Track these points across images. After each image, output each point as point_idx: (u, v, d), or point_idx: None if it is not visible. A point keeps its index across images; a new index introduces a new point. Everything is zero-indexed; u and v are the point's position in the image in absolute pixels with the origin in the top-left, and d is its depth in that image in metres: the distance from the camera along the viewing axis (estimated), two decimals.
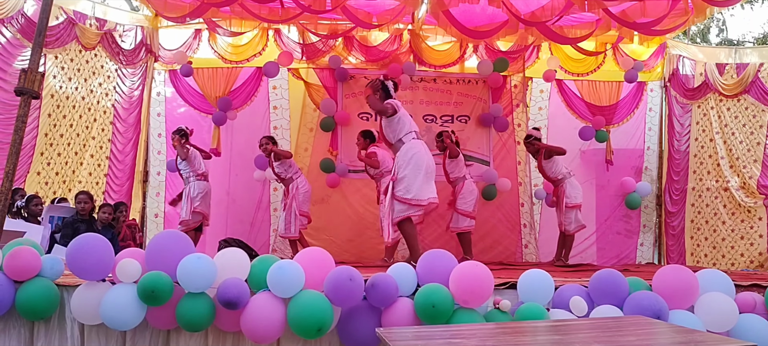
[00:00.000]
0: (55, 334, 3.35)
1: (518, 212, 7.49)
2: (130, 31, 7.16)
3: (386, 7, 6.45)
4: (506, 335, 2.20)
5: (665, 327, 2.38)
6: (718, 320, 3.10)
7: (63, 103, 6.55)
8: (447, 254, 3.32)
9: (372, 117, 7.25)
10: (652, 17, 5.98)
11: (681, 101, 7.76)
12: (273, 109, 7.54)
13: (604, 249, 7.70)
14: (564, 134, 7.60)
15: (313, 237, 6.93)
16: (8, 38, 5.88)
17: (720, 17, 16.83)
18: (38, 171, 6.33)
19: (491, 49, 7.44)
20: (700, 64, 7.70)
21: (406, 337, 2.15)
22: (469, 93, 7.54)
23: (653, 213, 7.96)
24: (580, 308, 3.09)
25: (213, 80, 7.30)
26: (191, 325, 3.12)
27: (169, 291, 3.07)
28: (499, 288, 3.41)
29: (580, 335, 2.18)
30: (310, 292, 3.08)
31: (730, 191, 7.38)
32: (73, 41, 6.52)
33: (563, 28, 6.72)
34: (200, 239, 6.89)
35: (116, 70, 7.05)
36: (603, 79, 7.74)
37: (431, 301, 3.00)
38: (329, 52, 7.32)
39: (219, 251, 3.50)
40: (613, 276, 3.24)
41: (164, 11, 6.41)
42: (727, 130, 7.51)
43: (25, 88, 3.92)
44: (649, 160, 7.96)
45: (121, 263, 3.12)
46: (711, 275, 3.34)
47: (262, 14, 6.40)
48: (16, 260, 3.22)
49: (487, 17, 6.67)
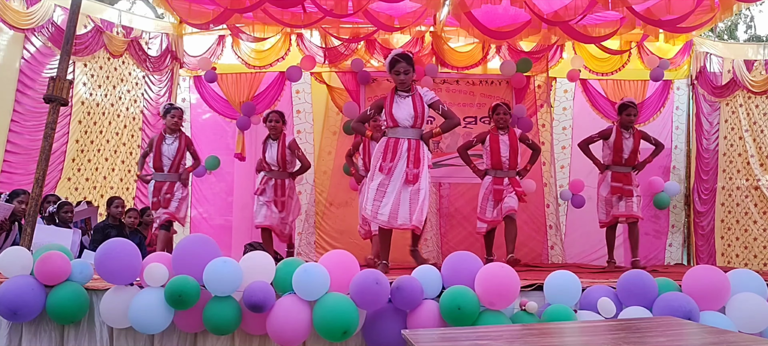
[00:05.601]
0: (84, 337, 3.40)
1: (544, 213, 7.42)
2: (155, 38, 7.27)
3: (408, 10, 6.45)
4: (533, 337, 2.18)
5: (696, 328, 2.34)
6: (750, 320, 3.04)
7: (93, 110, 6.67)
8: (472, 255, 3.30)
9: None
10: (677, 14, 5.89)
11: (709, 99, 7.64)
12: (296, 113, 7.58)
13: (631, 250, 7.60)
14: (589, 134, 7.52)
15: (337, 240, 6.95)
16: (38, 47, 6.02)
17: (748, 13, 16.54)
18: (69, 177, 6.45)
19: (514, 49, 7.40)
20: (728, 62, 7.56)
21: (432, 339, 2.14)
22: (493, 94, 7.50)
23: (682, 213, 7.83)
24: (608, 309, 3.05)
25: (237, 85, 7.36)
26: (218, 328, 3.14)
27: (196, 295, 3.10)
28: (526, 290, 3.38)
29: (608, 336, 2.15)
30: (336, 295, 3.09)
31: (760, 190, 7.24)
32: (101, 49, 6.64)
33: (587, 27, 6.66)
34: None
35: (143, 77, 7.16)
36: (628, 79, 7.64)
37: (457, 303, 2.99)
38: (351, 56, 7.34)
39: (244, 254, 3.52)
40: (642, 277, 3.19)
41: (188, 18, 6.49)
42: (755, 127, 7.37)
43: (53, 96, 4.00)
44: (677, 160, 7.84)
45: (148, 268, 3.16)
46: (743, 275, 3.27)
47: (284, 19, 6.44)
48: (47, 265, 3.27)
49: (510, 17, 6.63)
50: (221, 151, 7.36)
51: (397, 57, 4.79)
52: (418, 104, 4.75)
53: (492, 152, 5.78)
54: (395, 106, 4.74)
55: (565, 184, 7.45)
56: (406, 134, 4.71)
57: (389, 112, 4.74)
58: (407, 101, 4.75)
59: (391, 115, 4.73)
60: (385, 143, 4.74)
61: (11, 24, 5.74)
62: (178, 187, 5.95)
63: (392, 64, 4.78)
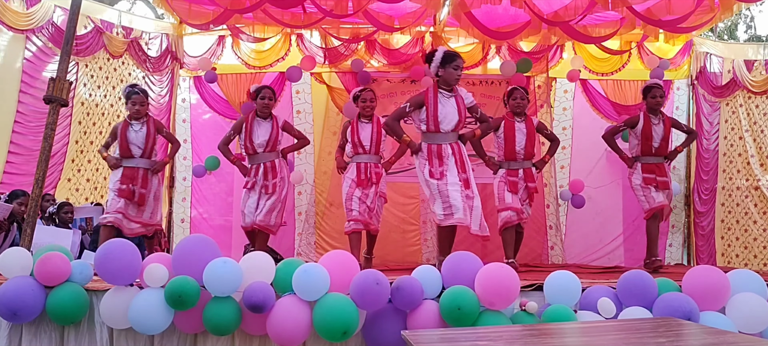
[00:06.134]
0: (84, 338, 3.40)
1: (544, 213, 7.41)
2: (155, 38, 7.26)
3: (408, 10, 6.45)
4: (533, 337, 2.18)
5: (696, 328, 2.34)
6: (750, 321, 3.04)
7: (93, 110, 6.66)
8: (472, 256, 3.31)
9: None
10: (677, 15, 5.89)
11: (709, 99, 7.63)
12: (296, 113, 7.57)
13: (631, 250, 7.58)
14: (589, 134, 7.51)
15: (337, 240, 6.94)
16: (39, 47, 6.02)
17: (748, 14, 16.55)
18: (69, 178, 6.45)
19: (514, 49, 7.39)
20: (728, 62, 7.56)
21: (432, 339, 2.14)
22: (493, 94, 7.49)
23: (682, 213, 7.82)
24: (608, 309, 3.05)
25: (237, 86, 7.36)
26: (218, 329, 3.15)
27: (196, 295, 3.10)
28: (526, 290, 3.38)
29: (608, 336, 2.15)
30: (336, 295, 3.09)
31: (760, 190, 7.23)
32: (101, 50, 6.63)
33: (587, 27, 6.66)
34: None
35: (143, 77, 7.16)
36: (628, 79, 7.63)
37: (457, 303, 2.99)
38: (351, 56, 7.34)
39: (244, 255, 3.53)
40: (642, 277, 3.20)
41: (188, 19, 6.49)
42: (756, 127, 7.37)
43: (53, 96, 4.01)
44: (677, 160, 7.76)
45: (148, 268, 3.17)
46: (743, 276, 3.28)
47: (284, 20, 6.44)
48: (47, 266, 3.28)
49: (510, 18, 6.63)
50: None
51: (453, 53, 4.64)
52: (461, 106, 4.61)
53: (507, 140, 5.32)
54: (440, 106, 4.55)
55: (565, 184, 7.44)
56: (447, 139, 4.57)
57: (433, 114, 4.53)
58: (451, 102, 4.59)
59: (435, 119, 4.53)
60: (427, 150, 4.57)
61: (10, 25, 5.73)
62: (153, 180, 5.39)
63: (450, 58, 4.60)
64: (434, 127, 4.55)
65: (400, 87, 7.40)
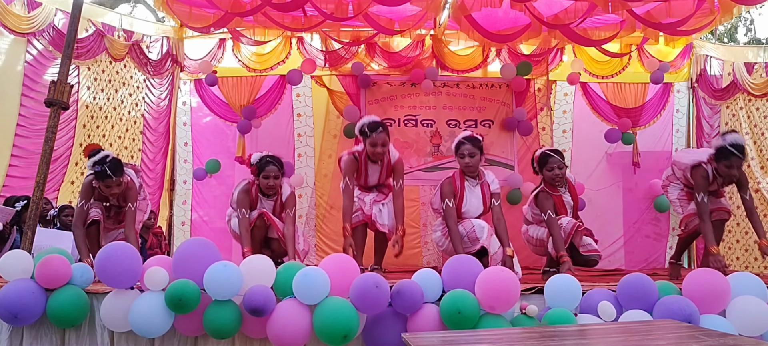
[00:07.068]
0: (85, 341, 3.41)
1: None
2: (156, 42, 7.27)
3: (408, 13, 6.45)
4: (533, 340, 2.18)
5: (696, 331, 2.34)
6: (750, 323, 3.04)
7: (96, 113, 6.68)
8: (472, 259, 3.31)
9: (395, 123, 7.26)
10: (677, 17, 5.89)
11: (709, 102, 7.64)
12: (297, 116, 7.58)
13: (632, 253, 7.59)
14: (590, 137, 7.52)
15: (338, 243, 6.93)
16: (40, 50, 6.03)
17: (748, 16, 16.56)
18: (72, 180, 6.46)
19: (514, 52, 7.40)
20: (728, 64, 7.57)
21: (433, 343, 2.14)
22: (493, 97, 7.51)
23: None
24: (608, 312, 3.05)
25: (237, 89, 7.37)
26: (218, 332, 3.15)
27: (196, 299, 3.10)
28: (526, 293, 3.38)
29: (608, 339, 2.15)
30: (336, 299, 3.09)
31: (761, 192, 7.23)
32: (102, 53, 6.65)
33: (587, 30, 6.66)
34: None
35: (144, 80, 7.17)
36: (628, 81, 7.64)
37: (457, 307, 2.99)
38: (352, 59, 7.35)
39: (244, 258, 3.53)
40: (642, 280, 3.19)
41: (189, 22, 6.49)
42: (756, 130, 7.37)
43: (54, 99, 4.02)
44: None
45: (148, 271, 3.17)
46: (743, 278, 3.28)
47: (285, 23, 6.45)
48: (47, 269, 3.28)
49: (510, 21, 6.64)
50: (222, 155, 7.37)
51: (463, 139, 4.64)
52: (487, 194, 4.66)
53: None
54: (467, 195, 4.61)
55: None
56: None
57: (459, 203, 4.58)
58: (477, 190, 4.65)
59: (459, 208, 4.58)
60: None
61: (11, 29, 5.74)
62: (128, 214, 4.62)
63: (457, 146, 4.66)
64: (458, 217, 4.62)
65: (401, 90, 7.41)
